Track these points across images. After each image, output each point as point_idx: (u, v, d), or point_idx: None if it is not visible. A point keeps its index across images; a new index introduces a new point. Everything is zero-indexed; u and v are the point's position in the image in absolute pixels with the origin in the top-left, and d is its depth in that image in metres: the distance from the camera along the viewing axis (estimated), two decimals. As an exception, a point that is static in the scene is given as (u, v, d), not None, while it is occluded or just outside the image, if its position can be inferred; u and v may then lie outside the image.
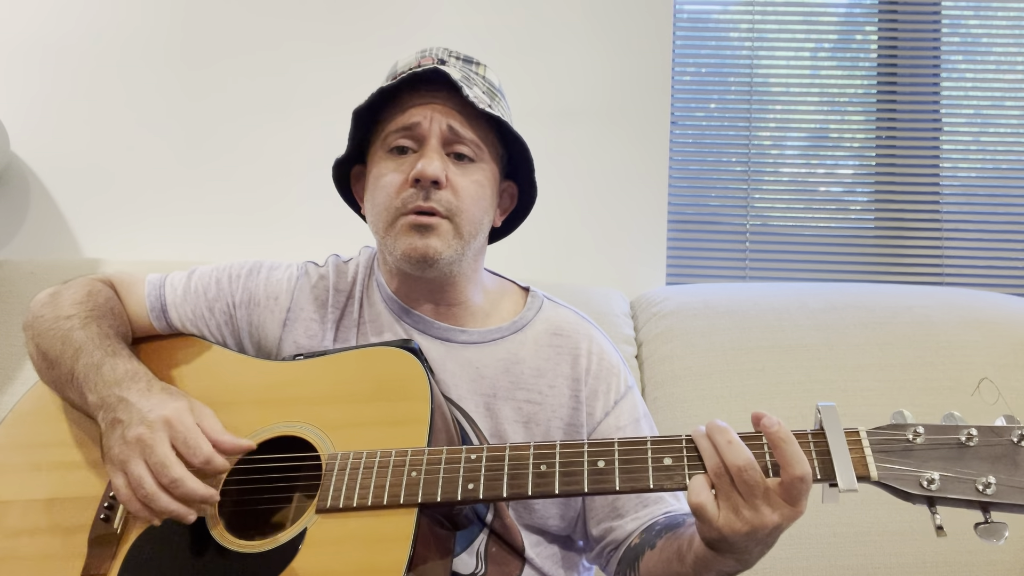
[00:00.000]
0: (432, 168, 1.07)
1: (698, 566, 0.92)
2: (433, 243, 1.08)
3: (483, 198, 1.13)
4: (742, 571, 0.92)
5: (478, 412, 1.13)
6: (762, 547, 0.87)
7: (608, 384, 1.18)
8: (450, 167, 1.10)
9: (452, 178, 1.09)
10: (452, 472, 0.93)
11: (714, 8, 2.23)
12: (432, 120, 1.09)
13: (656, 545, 1.03)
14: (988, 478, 0.81)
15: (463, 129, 1.10)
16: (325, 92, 2.09)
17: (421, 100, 1.11)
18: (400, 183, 1.09)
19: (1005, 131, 2.17)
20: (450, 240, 1.09)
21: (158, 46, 2.10)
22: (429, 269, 1.10)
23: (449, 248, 1.09)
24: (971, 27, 2.21)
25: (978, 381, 1.52)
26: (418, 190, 1.08)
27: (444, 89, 1.10)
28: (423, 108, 1.10)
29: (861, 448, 0.86)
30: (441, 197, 1.08)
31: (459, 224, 1.10)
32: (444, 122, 1.09)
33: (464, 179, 1.10)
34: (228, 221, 2.08)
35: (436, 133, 1.09)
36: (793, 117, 2.21)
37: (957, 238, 2.15)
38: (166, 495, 0.94)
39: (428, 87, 1.10)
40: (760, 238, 2.18)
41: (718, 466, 0.85)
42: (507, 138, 1.15)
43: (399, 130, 1.10)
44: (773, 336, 1.70)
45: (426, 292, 1.17)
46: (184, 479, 0.94)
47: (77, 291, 1.16)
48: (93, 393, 1.03)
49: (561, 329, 1.20)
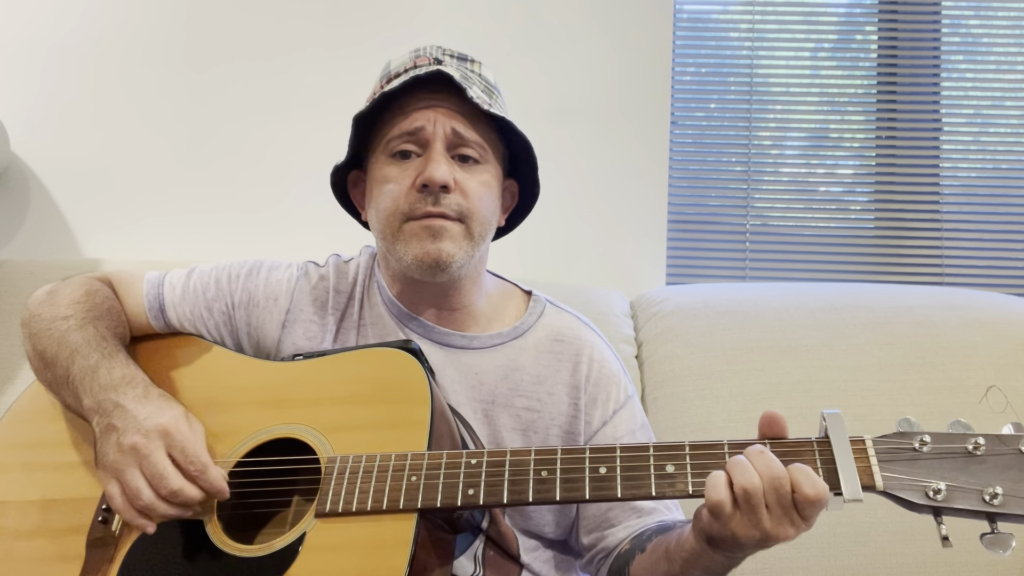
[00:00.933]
0: (440, 173, 1.05)
1: (687, 563, 0.92)
2: (445, 246, 1.07)
3: (491, 199, 1.13)
4: (731, 568, 0.92)
5: (476, 419, 1.13)
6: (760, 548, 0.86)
7: (608, 393, 1.17)
8: (456, 170, 1.09)
9: (460, 181, 1.08)
10: (452, 477, 0.93)
11: (714, 8, 2.23)
12: (436, 123, 1.08)
13: (646, 549, 1.02)
14: (995, 488, 0.80)
15: (467, 131, 1.09)
16: (326, 94, 2.08)
17: (423, 103, 1.09)
18: (406, 188, 1.08)
19: (1005, 131, 2.17)
20: (461, 242, 1.08)
21: (159, 46, 2.10)
22: (440, 274, 1.09)
23: (461, 251, 1.08)
24: (971, 27, 2.21)
25: (986, 389, 1.52)
26: (426, 195, 1.06)
27: (445, 90, 1.08)
28: (426, 112, 1.09)
29: (866, 457, 0.85)
30: (451, 201, 1.07)
31: (470, 226, 1.09)
32: (448, 125, 1.08)
33: (472, 181, 1.10)
34: (228, 221, 2.07)
35: (441, 136, 1.08)
36: (793, 117, 2.21)
37: (957, 238, 2.15)
38: (164, 504, 0.94)
39: (428, 89, 1.09)
40: (760, 238, 2.17)
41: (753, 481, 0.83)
42: (508, 136, 1.15)
43: (402, 135, 1.09)
44: (773, 336, 1.69)
45: (429, 297, 1.16)
46: (184, 489, 0.94)
47: (75, 290, 1.15)
48: (88, 396, 1.02)
49: (563, 335, 1.19)
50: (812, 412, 1.56)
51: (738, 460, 0.84)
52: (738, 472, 0.83)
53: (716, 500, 0.82)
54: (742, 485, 0.81)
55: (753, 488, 0.81)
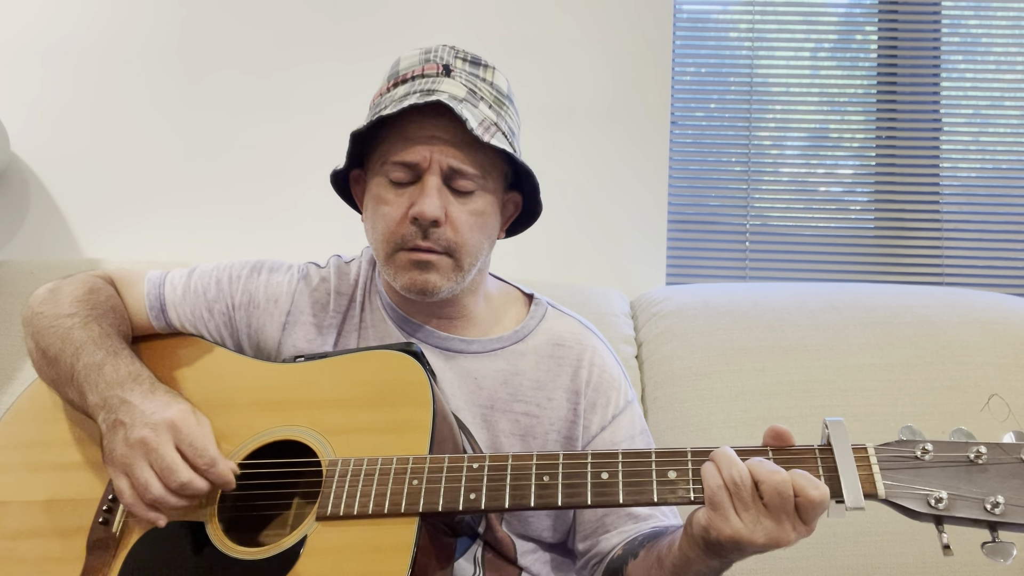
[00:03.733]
0: (431, 209, 1.04)
1: (678, 568, 0.92)
2: (432, 279, 1.07)
3: (484, 227, 1.11)
4: (721, 572, 0.92)
5: (475, 424, 1.13)
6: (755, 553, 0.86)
7: (608, 397, 1.16)
8: (450, 201, 1.07)
9: (451, 213, 1.07)
10: (454, 481, 0.93)
11: (714, 8, 2.23)
12: (432, 160, 1.06)
13: (639, 555, 1.02)
14: (997, 497, 0.80)
15: (464, 165, 1.07)
16: (326, 94, 2.08)
17: (423, 133, 1.06)
18: (399, 218, 1.07)
19: (1005, 131, 2.17)
20: (449, 274, 1.08)
21: (159, 47, 2.09)
22: (429, 298, 1.10)
23: (448, 281, 1.08)
24: (971, 27, 2.20)
25: (988, 397, 1.51)
26: (417, 228, 1.06)
27: (448, 113, 1.05)
28: (424, 146, 1.06)
29: (869, 465, 0.85)
30: (440, 236, 1.06)
31: (459, 259, 1.08)
32: (445, 161, 1.06)
33: (463, 213, 1.08)
34: (228, 222, 2.07)
35: (436, 171, 1.06)
36: (793, 117, 2.20)
37: (957, 238, 2.15)
38: (174, 497, 0.95)
39: (430, 112, 1.06)
40: (760, 238, 2.17)
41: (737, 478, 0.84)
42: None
43: (398, 164, 1.07)
44: (773, 336, 1.69)
45: (426, 307, 1.16)
46: (193, 482, 0.95)
47: (77, 288, 1.15)
48: (94, 393, 1.02)
49: (563, 339, 1.19)
50: (812, 412, 1.59)
51: (724, 452, 0.86)
52: (724, 465, 0.84)
53: (714, 487, 0.83)
54: (731, 477, 0.83)
55: (741, 479, 0.82)
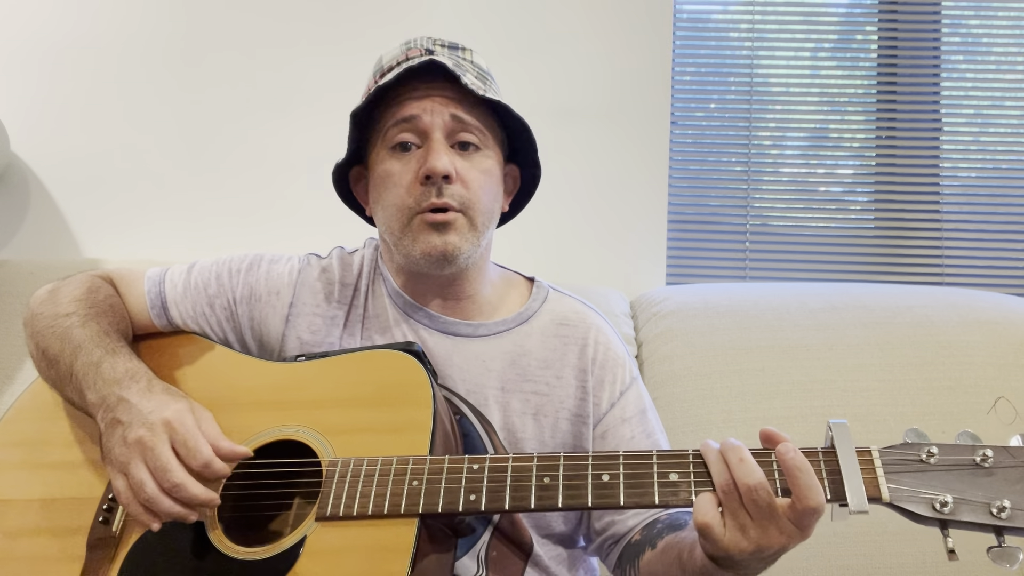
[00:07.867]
0: (441, 163, 1.06)
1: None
2: (452, 239, 1.08)
3: (492, 186, 1.13)
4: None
5: (487, 406, 1.13)
6: (765, 564, 0.86)
7: (614, 374, 1.17)
8: (457, 159, 1.09)
9: (460, 170, 1.08)
10: (454, 483, 0.92)
11: (714, 8, 2.23)
12: (433, 112, 1.08)
13: (657, 545, 1.02)
14: (1003, 501, 0.79)
15: (466, 116, 1.09)
16: (324, 90, 2.08)
17: (418, 93, 1.09)
18: (410, 181, 1.09)
19: (1005, 131, 2.17)
20: (466, 234, 1.09)
21: (157, 46, 2.10)
22: (448, 266, 1.10)
23: (467, 242, 1.09)
24: (971, 27, 2.21)
25: (994, 400, 1.51)
26: (429, 187, 1.07)
27: (439, 79, 1.08)
28: (422, 101, 1.09)
29: (873, 468, 0.84)
30: (453, 191, 1.07)
31: (473, 216, 1.09)
32: (446, 112, 1.08)
33: (472, 170, 1.10)
34: (228, 219, 2.07)
35: (439, 125, 1.08)
36: (793, 117, 2.21)
37: (957, 238, 2.15)
38: (168, 499, 0.94)
39: (423, 79, 1.09)
40: (760, 238, 2.17)
41: (728, 483, 0.83)
42: (505, 121, 1.15)
43: (398, 123, 1.09)
44: (773, 336, 1.69)
45: (435, 287, 1.16)
46: (185, 483, 0.94)
47: (76, 287, 1.15)
48: (92, 392, 1.02)
49: (567, 319, 1.20)
50: (812, 412, 1.59)
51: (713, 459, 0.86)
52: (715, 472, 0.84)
53: (703, 521, 0.83)
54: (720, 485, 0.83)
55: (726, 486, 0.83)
